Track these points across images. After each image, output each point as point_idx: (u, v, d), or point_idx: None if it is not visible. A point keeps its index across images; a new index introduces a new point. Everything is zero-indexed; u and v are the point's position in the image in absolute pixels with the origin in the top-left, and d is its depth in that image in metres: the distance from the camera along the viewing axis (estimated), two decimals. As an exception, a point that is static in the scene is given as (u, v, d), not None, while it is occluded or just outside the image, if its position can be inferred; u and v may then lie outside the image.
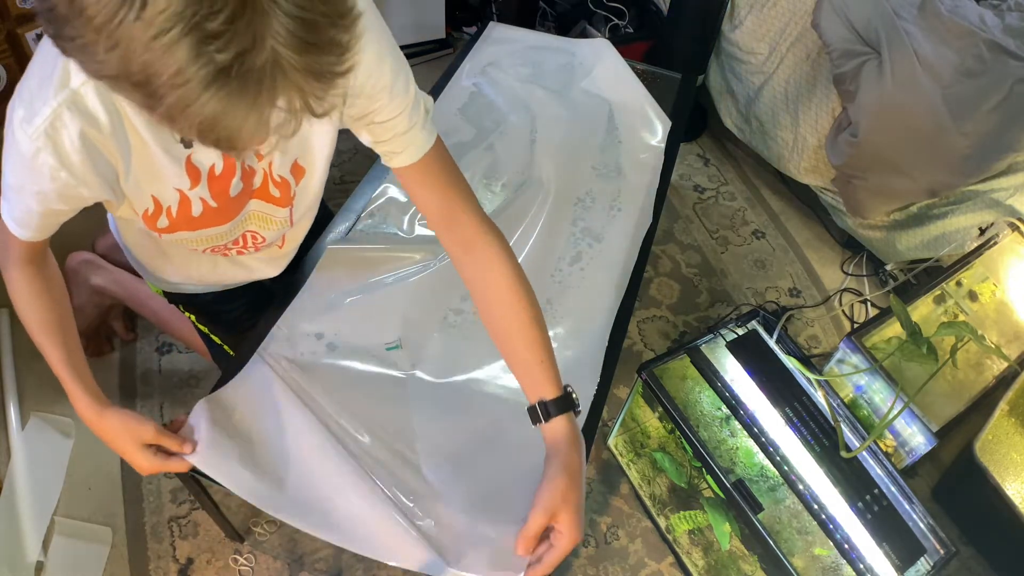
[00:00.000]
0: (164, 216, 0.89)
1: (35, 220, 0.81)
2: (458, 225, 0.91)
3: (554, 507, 0.82)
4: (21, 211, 0.81)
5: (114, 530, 1.29)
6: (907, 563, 1.06)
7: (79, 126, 0.72)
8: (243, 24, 0.47)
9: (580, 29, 2.19)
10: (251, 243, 1.03)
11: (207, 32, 0.46)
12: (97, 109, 0.73)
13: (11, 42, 1.39)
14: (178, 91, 0.48)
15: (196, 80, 0.48)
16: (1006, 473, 1.34)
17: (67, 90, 0.71)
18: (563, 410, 0.87)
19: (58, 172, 0.74)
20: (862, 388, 1.46)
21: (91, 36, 0.48)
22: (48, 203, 0.78)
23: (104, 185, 0.79)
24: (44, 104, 0.70)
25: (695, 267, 1.84)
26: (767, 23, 1.84)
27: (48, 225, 0.84)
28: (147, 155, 0.80)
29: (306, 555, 1.27)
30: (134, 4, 0.46)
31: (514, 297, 0.89)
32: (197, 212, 0.90)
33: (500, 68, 1.58)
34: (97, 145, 0.75)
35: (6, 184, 0.79)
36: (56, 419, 1.40)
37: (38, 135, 0.71)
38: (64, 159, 0.73)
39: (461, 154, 1.42)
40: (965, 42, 1.44)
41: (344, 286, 1.18)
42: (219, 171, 0.87)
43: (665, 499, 1.34)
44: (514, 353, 0.90)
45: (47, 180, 0.74)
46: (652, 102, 1.55)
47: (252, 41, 0.48)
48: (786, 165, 1.88)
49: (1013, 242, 1.68)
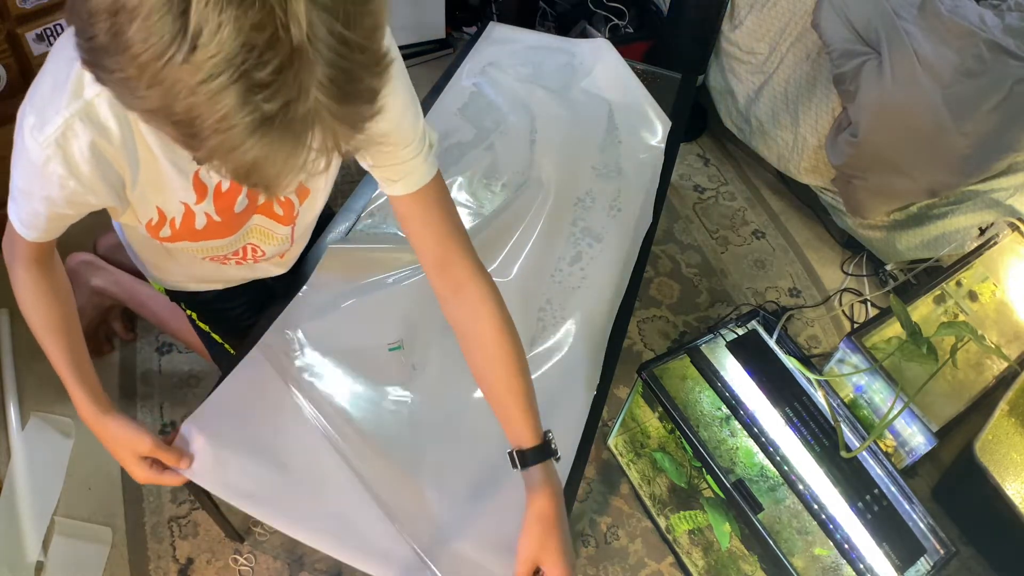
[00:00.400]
0: (167, 227, 0.90)
1: (42, 223, 0.82)
2: (451, 267, 0.90)
3: (533, 556, 0.85)
4: (28, 213, 0.81)
5: (114, 530, 1.29)
6: (907, 563, 1.06)
7: (90, 137, 0.72)
8: (291, 75, 0.47)
9: (580, 29, 2.19)
10: (251, 255, 1.04)
11: (255, 81, 0.46)
12: (109, 120, 0.73)
13: (11, 42, 1.38)
14: (221, 136, 0.48)
15: (241, 127, 0.48)
16: (1006, 473, 1.34)
17: (80, 100, 0.71)
18: (540, 459, 0.88)
19: (67, 181, 0.74)
20: (862, 388, 1.46)
21: (133, 72, 0.48)
22: (56, 207, 0.78)
23: (111, 193, 0.79)
24: (56, 113, 0.70)
25: (695, 267, 1.84)
26: (767, 23, 1.84)
27: (55, 228, 0.85)
28: (155, 168, 0.81)
29: (306, 555, 1.27)
30: (183, 46, 0.45)
31: (500, 346, 0.90)
32: (200, 225, 0.91)
33: (500, 68, 1.58)
34: (107, 156, 0.75)
35: (15, 186, 0.80)
36: (56, 419, 1.40)
37: (49, 143, 0.71)
38: (73, 169, 0.73)
39: (461, 154, 1.42)
40: (965, 42, 1.44)
41: (344, 286, 1.18)
42: (225, 188, 0.88)
43: (665, 499, 1.34)
44: (496, 400, 0.91)
45: (56, 187, 0.75)
46: (652, 102, 1.55)
47: (298, 91, 0.48)
48: (786, 165, 1.88)
49: (1013, 242, 1.68)
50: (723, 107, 2.03)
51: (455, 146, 1.44)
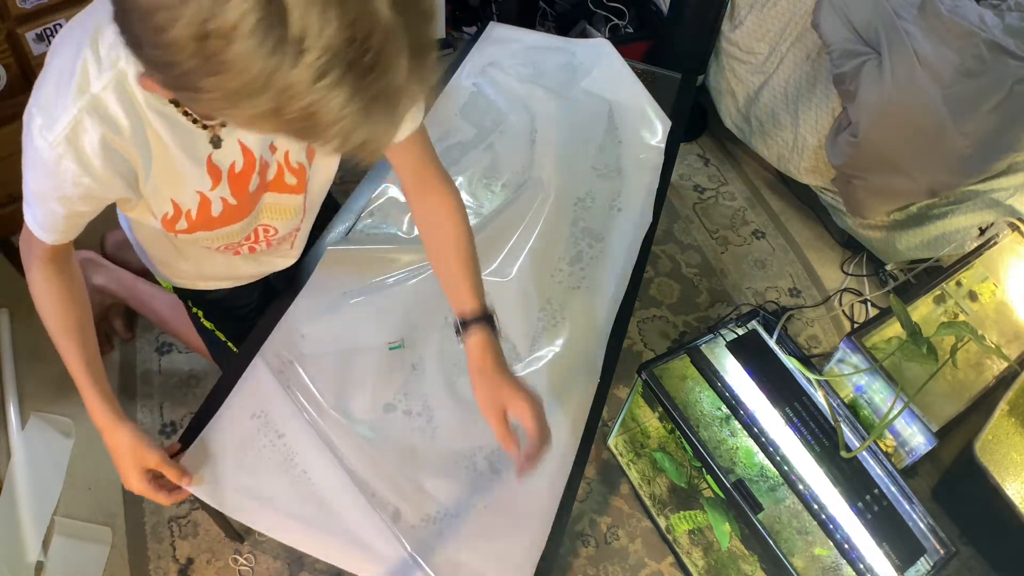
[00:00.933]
0: (183, 219, 0.90)
1: (60, 223, 0.82)
2: (429, 191, 1.00)
3: (493, 405, 0.91)
4: (45, 215, 0.81)
5: (114, 530, 1.29)
6: (907, 563, 1.06)
7: (100, 131, 0.72)
8: (387, 52, 0.49)
9: (580, 29, 2.19)
10: (263, 238, 1.04)
11: (362, 67, 0.49)
12: (118, 114, 0.73)
13: (11, 42, 1.38)
14: (339, 124, 0.51)
15: (355, 110, 0.50)
16: (1006, 473, 1.34)
17: (87, 95, 0.71)
18: (479, 321, 0.95)
19: (81, 178, 0.74)
20: (862, 388, 1.46)
21: (236, 86, 0.49)
22: (72, 206, 0.78)
23: (126, 187, 0.79)
24: (64, 111, 0.70)
25: (695, 267, 1.84)
26: (767, 23, 1.84)
27: (73, 227, 0.85)
28: (168, 159, 0.81)
29: (306, 555, 1.27)
30: (286, 54, 0.47)
31: (457, 229, 0.98)
32: (216, 212, 0.91)
33: (500, 68, 1.58)
34: (118, 149, 0.75)
35: (29, 191, 0.79)
36: (56, 419, 1.40)
37: (59, 142, 0.71)
38: (86, 165, 0.73)
39: (461, 154, 1.42)
40: (965, 42, 1.44)
41: (345, 286, 1.18)
42: (239, 168, 0.88)
43: (665, 499, 1.34)
44: (446, 271, 0.98)
45: (70, 185, 0.75)
46: (652, 102, 1.55)
47: (394, 65, 0.51)
48: (786, 165, 1.88)
49: (1013, 242, 1.68)
50: (723, 107, 2.03)
51: (455, 146, 1.44)
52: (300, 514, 0.95)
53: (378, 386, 1.08)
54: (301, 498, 0.96)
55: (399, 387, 1.09)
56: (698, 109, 2.14)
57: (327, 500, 0.96)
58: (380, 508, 0.96)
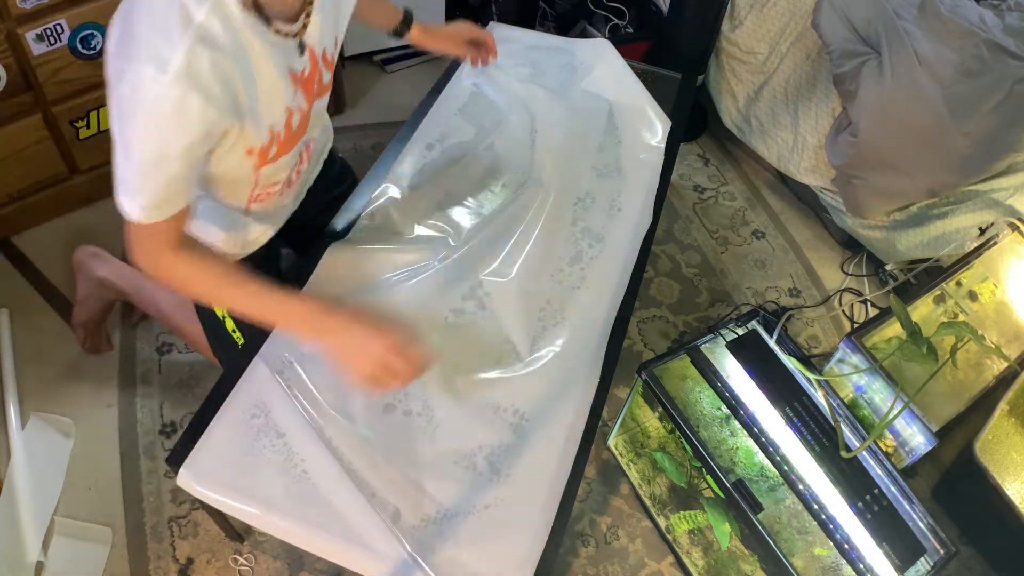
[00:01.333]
0: (274, 144, 0.91)
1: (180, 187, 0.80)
2: None
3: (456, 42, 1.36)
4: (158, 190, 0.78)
5: (114, 530, 1.29)
6: (907, 563, 1.06)
7: (210, 56, 0.72)
8: None
9: (580, 29, 2.19)
10: (306, 157, 1.10)
11: None
12: (223, 37, 0.73)
13: (11, 42, 1.38)
14: None
15: None
16: (1006, 473, 1.34)
17: (193, 26, 0.71)
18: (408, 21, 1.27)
19: (206, 110, 0.74)
20: (862, 388, 1.46)
21: None
22: (193, 154, 0.77)
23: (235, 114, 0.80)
24: (174, 48, 0.70)
25: (695, 267, 1.84)
26: (767, 23, 1.84)
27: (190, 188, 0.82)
28: (269, 78, 0.82)
29: (306, 555, 1.27)
30: None
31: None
32: (296, 124, 0.93)
33: (500, 68, 1.57)
34: (226, 73, 0.75)
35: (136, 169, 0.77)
36: (56, 419, 1.40)
37: (179, 79, 0.70)
38: (208, 93, 0.73)
39: (461, 154, 1.42)
40: (965, 42, 1.44)
41: (345, 286, 1.18)
42: (307, 73, 0.91)
43: (665, 499, 1.34)
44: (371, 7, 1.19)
45: (196, 123, 0.74)
46: (652, 102, 1.55)
47: None
48: (786, 165, 1.88)
49: (1013, 242, 1.68)
50: (723, 107, 2.03)
51: (455, 146, 1.44)
52: (300, 514, 0.95)
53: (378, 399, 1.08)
54: (301, 498, 0.96)
55: (399, 402, 1.09)
56: (698, 109, 2.14)
57: (327, 500, 0.96)
58: (380, 508, 0.95)
